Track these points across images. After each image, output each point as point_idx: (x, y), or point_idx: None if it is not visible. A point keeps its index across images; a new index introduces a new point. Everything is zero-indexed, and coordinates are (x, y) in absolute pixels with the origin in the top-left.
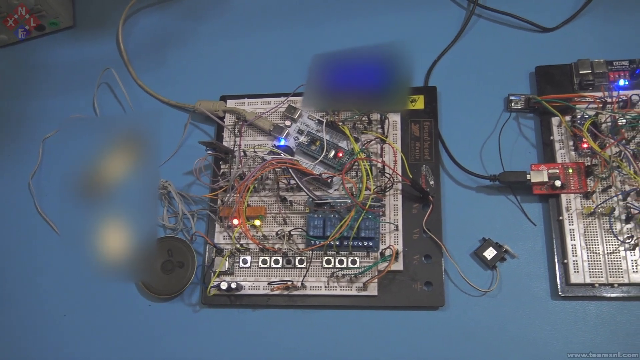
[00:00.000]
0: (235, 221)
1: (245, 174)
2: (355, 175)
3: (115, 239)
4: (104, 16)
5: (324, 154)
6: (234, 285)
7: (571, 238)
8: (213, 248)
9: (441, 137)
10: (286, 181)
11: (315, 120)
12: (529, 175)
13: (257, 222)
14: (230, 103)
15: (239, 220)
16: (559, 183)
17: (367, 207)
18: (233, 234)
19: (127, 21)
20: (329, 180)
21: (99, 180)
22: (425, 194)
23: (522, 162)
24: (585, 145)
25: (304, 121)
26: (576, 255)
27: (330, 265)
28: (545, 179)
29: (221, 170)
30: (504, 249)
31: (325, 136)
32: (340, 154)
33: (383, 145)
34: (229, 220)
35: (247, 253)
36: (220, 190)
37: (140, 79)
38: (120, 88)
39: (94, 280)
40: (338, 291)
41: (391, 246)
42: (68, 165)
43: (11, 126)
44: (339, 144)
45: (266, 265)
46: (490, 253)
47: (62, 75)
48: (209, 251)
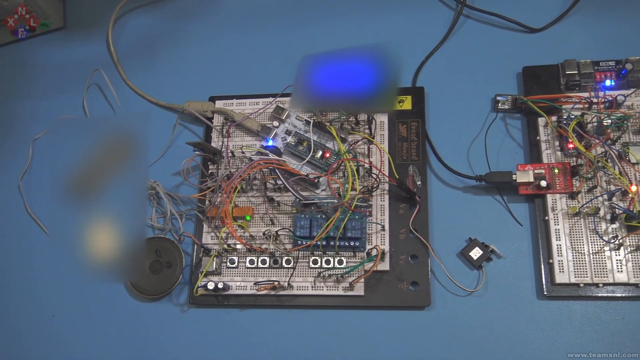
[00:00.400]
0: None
1: (233, 175)
2: (342, 175)
3: (104, 239)
4: (94, 17)
5: (311, 154)
6: (220, 285)
7: (556, 238)
8: (201, 248)
9: (428, 138)
10: (273, 182)
11: (303, 121)
12: (514, 176)
13: (248, 217)
14: (219, 104)
15: (224, 221)
16: (544, 183)
17: (353, 208)
18: (220, 234)
19: (117, 22)
20: (315, 181)
21: (89, 181)
22: (412, 194)
23: (509, 163)
24: (571, 146)
25: (291, 122)
26: (561, 255)
27: (317, 266)
28: (531, 179)
29: (209, 171)
30: (490, 249)
31: (313, 137)
32: (327, 155)
33: (370, 146)
34: (217, 220)
35: (235, 253)
36: (208, 190)
37: (130, 80)
38: (109, 89)
39: (83, 281)
40: (325, 291)
41: (377, 246)
42: (58, 166)
43: (1, 127)
44: (326, 144)
45: (253, 266)
46: (476, 253)
47: (52, 76)
48: (197, 251)
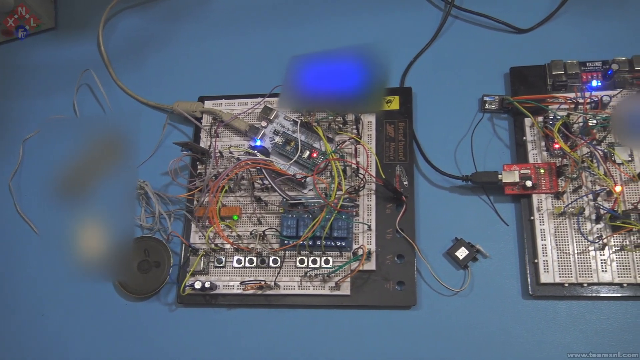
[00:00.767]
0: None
1: (221, 175)
2: (329, 175)
3: (93, 239)
4: (85, 18)
5: (299, 154)
6: (207, 285)
7: (542, 238)
8: (189, 248)
9: (416, 138)
10: (260, 181)
11: (291, 121)
12: (500, 176)
13: (235, 217)
14: (208, 104)
15: (211, 220)
16: (529, 183)
17: (339, 208)
18: (207, 234)
19: (108, 23)
20: (302, 181)
21: (78, 181)
22: (398, 194)
23: (496, 163)
24: (556, 146)
25: (280, 122)
26: (546, 255)
27: (303, 265)
28: (517, 180)
29: (198, 171)
30: (475, 249)
31: (300, 137)
32: (314, 154)
33: (357, 146)
34: (204, 220)
35: (222, 253)
36: (196, 190)
37: (121, 80)
38: (100, 89)
39: (72, 280)
40: (311, 290)
41: (362, 246)
42: (48, 166)
43: None
44: (314, 144)
45: (240, 265)
46: (462, 253)
47: (43, 76)
48: (185, 251)
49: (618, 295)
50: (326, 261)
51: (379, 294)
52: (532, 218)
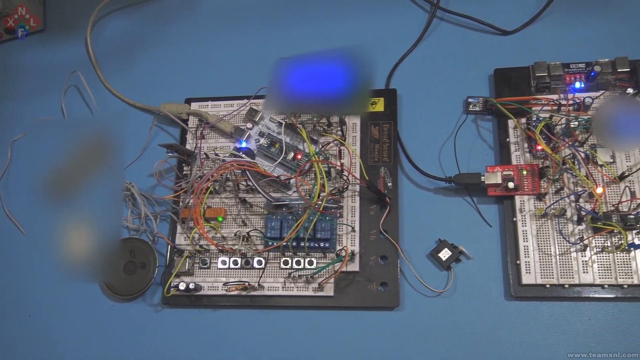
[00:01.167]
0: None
1: (204, 176)
2: (314, 177)
3: (80, 240)
4: (74, 20)
5: (283, 156)
6: (192, 286)
7: (524, 239)
8: (174, 249)
9: (400, 139)
10: (245, 183)
11: (276, 123)
12: (483, 177)
13: (220, 218)
14: (194, 106)
15: (199, 222)
16: (512, 185)
17: (322, 209)
18: (191, 235)
19: (96, 25)
20: (287, 182)
21: (66, 182)
22: (382, 195)
23: (480, 164)
24: (539, 147)
25: (265, 123)
26: (528, 256)
27: (287, 266)
28: (499, 181)
29: (183, 172)
30: (458, 250)
31: (285, 138)
32: (298, 156)
33: (342, 148)
34: (188, 221)
35: (207, 254)
36: (181, 191)
37: (109, 82)
38: (87, 91)
39: (59, 281)
40: (295, 292)
41: (345, 247)
42: (36, 167)
43: None
44: (298, 146)
45: (225, 266)
46: (445, 254)
47: (32, 78)
48: (171, 252)
49: (599, 296)
50: (310, 262)
51: (362, 295)
52: (515, 219)
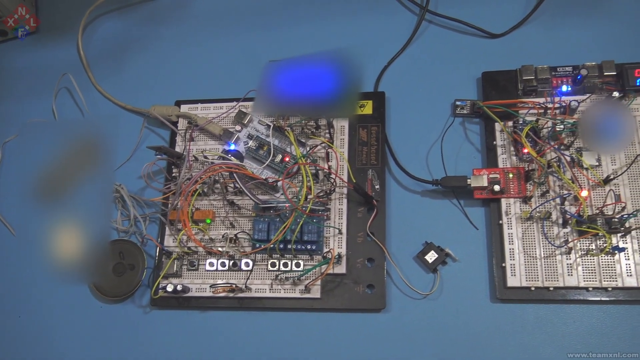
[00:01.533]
0: (186, 224)
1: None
2: (302, 180)
3: (70, 242)
4: (66, 21)
5: (271, 158)
6: (179, 288)
7: (509, 242)
8: (162, 251)
9: (388, 142)
10: (232, 185)
11: (265, 125)
12: (469, 180)
13: (208, 220)
14: (184, 108)
15: (186, 224)
16: (497, 188)
17: (308, 212)
18: (178, 237)
19: (88, 26)
20: (274, 185)
21: (56, 183)
22: (369, 198)
23: (467, 167)
24: (525, 151)
25: (254, 126)
26: (514, 259)
27: (275, 268)
28: (485, 184)
29: (173, 175)
30: (445, 253)
31: (274, 141)
32: (286, 158)
33: (329, 150)
34: (176, 223)
35: (195, 256)
36: (170, 193)
37: (100, 84)
38: (78, 93)
39: (48, 282)
40: (282, 294)
41: (331, 250)
42: (27, 169)
43: None
44: (287, 148)
45: (213, 268)
46: (431, 256)
47: (23, 80)
48: (159, 254)
49: (584, 298)
50: (297, 264)
51: (349, 297)
52: (501, 222)
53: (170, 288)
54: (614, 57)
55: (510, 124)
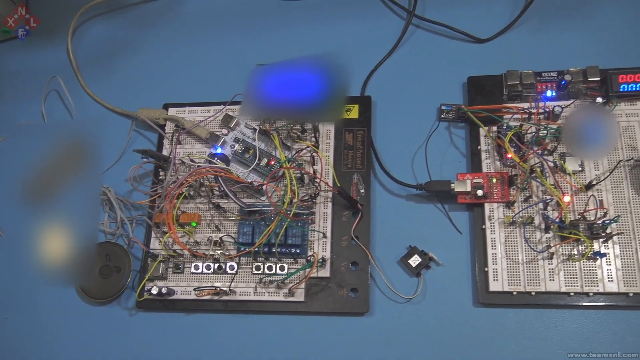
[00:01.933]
0: (171, 227)
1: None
2: (288, 183)
3: (57, 244)
4: (56, 25)
5: (257, 162)
6: (164, 290)
7: (492, 246)
8: (148, 254)
9: (373, 146)
10: (218, 189)
11: (252, 129)
12: (453, 185)
13: (194, 223)
14: (172, 111)
15: (172, 227)
16: (480, 192)
17: (292, 215)
18: (163, 240)
19: (78, 29)
20: (259, 188)
21: (45, 185)
22: (353, 202)
23: (452, 171)
24: (509, 156)
25: (241, 130)
26: (496, 264)
27: (259, 272)
28: (469, 189)
29: (160, 177)
30: (428, 257)
31: (260, 145)
32: (271, 162)
33: (314, 154)
34: (161, 226)
35: (181, 259)
36: (156, 196)
37: (89, 86)
38: (67, 95)
39: (35, 283)
40: (266, 297)
41: (314, 253)
42: (16, 171)
43: None
44: (273, 152)
45: (198, 271)
46: (415, 260)
47: (13, 82)
48: (145, 257)
49: (565, 304)
50: (281, 268)
51: (332, 300)
52: (484, 227)
53: (155, 291)
54: (598, 63)
55: (494, 129)
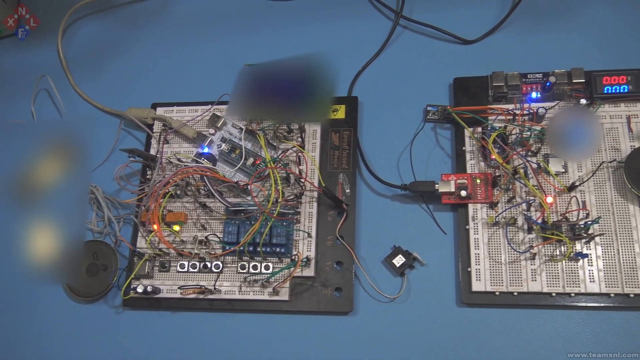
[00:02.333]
0: (156, 226)
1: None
2: (272, 183)
3: (45, 242)
4: (46, 24)
5: (243, 161)
6: (150, 289)
7: (475, 247)
8: (134, 252)
9: (359, 146)
10: (204, 188)
11: (239, 129)
12: (437, 185)
13: (177, 228)
14: (160, 110)
15: (157, 226)
16: (464, 193)
17: (276, 215)
18: (148, 239)
19: (69, 29)
20: (245, 188)
21: (33, 184)
22: (338, 202)
23: (438, 172)
24: (493, 157)
25: (228, 129)
26: (479, 264)
27: (244, 271)
28: (452, 189)
29: (147, 176)
30: (412, 257)
31: (247, 144)
32: (257, 162)
33: (300, 154)
34: (147, 225)
35: (167, 258)
36: (142, 195)
37: (79, 86)
38: (56, 95)
39: (22, 282)
40: (251, 295)
41: (298, 253)
42: (5, 169)
43: None
44: (260, 152)
45: (184, 270)
46: (399, 260)
47: (3, 81)
48: (131, 255)
49: (547, 304)
50: (267, 267)
51: (317, 299)
52: (468, 227)
53: (140, 289)
54: (583, 65)
55: (479, 130)
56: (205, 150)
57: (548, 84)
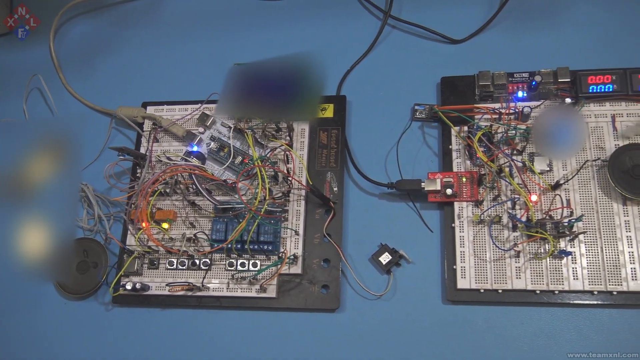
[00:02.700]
0: (145, 224)
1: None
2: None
3: (36, 239)
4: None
5: (231, 160)
6: (138, 286)
7: (460, 245)
8: (124, 250)
9: (347, 145)
10: (193, 186)
11: (227, 127)
12: (423, 184)
13: (166, 225)
14: (151, 109)
15: (146, 223)
16: (450, 191)
17: (263, 213)
18: (137, 236)
19: (61, 28)
20: (233, 186)
21: (24, 182)
22: (325, 200)
23: (425, 170)
24: (479, 155)
25: (217, 128)
26: (464, 262)
27: (232, 268)
28: (438, 187)
29: (137, 175)
30: (399, 254)
31: (236, 143)
32: (246, 160)
33: (288, 152)
34: (136, 223)
35: (156, 255)
36: (132, 193)
37: (71, 85)
38: (47, 94)
39: (13, 279)
40: (239, 293)
41: (285, 250)
42: None
43: None
44: (248, 150)
45: (173, 267)
46: (385, 258)
47: None
48: (121, 253)
49: (531, 301)
50: (254, 265)
51: (304, 297)
52: (453, 225)
53: (129, 286)
54: (569, 64)
55: (465, 128)
56: (195, 148)
57: (534, 83)
